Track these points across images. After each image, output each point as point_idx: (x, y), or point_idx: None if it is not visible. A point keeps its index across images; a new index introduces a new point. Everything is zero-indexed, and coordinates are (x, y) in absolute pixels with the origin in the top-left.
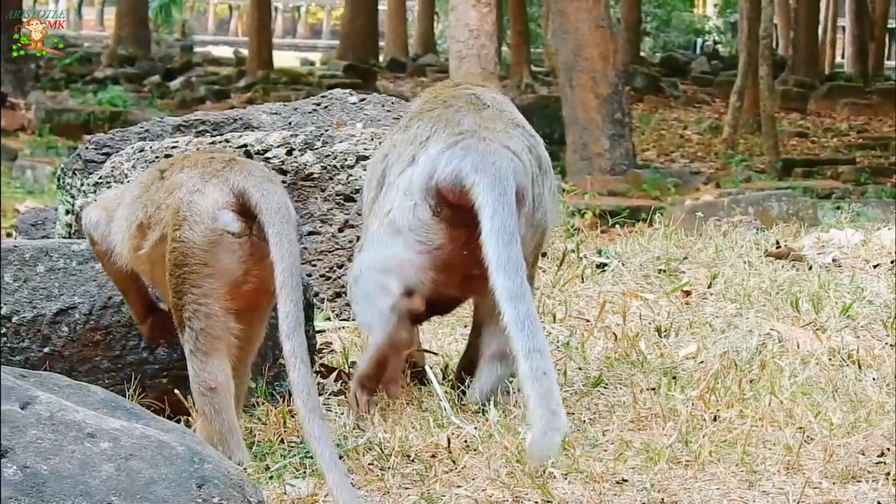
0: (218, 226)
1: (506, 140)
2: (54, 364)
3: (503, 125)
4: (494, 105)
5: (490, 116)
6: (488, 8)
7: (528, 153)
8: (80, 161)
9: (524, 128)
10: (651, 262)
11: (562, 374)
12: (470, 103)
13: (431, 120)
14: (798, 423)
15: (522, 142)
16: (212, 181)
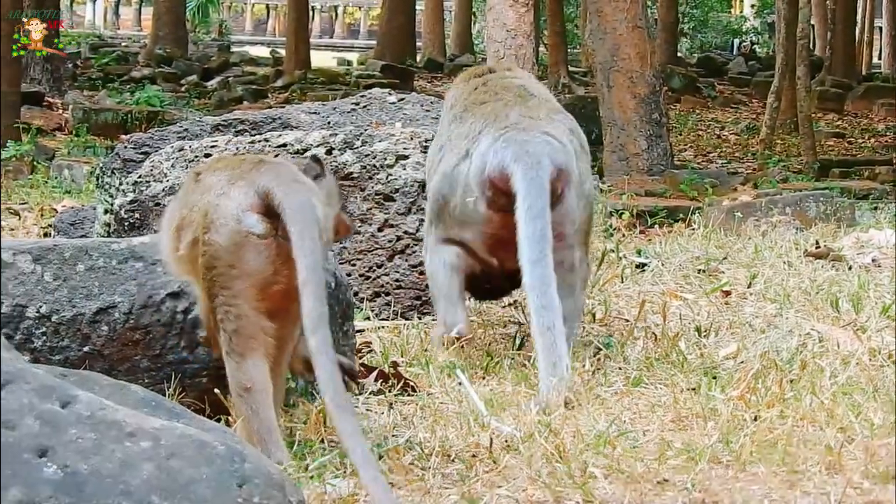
0: (242, 227)
1: (547, 126)
2: (94, 363)
3: (546, 112)
4: (540, 94)
5: (535, 105)
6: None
7: (569, 135)
8: (119, 160)
9: (565, 113)
10: (690, 262)
11: (602, 375)
12: (518, 96)
13: (483, 116)
14: (839, 424)
15: (564, 126)
16: (237, 184)
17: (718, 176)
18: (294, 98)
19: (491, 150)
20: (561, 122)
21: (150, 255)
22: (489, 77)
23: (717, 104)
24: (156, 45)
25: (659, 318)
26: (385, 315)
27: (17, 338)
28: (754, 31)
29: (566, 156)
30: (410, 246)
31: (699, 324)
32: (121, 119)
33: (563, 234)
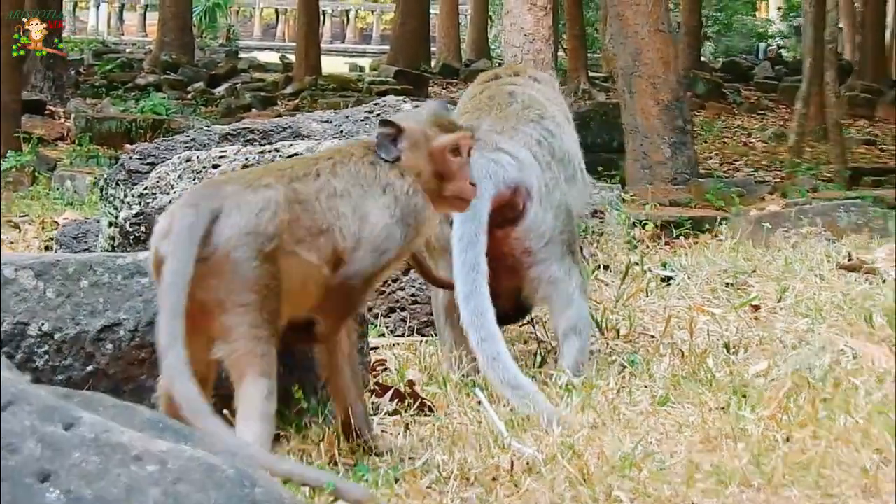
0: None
1: (505, 141)
2: (98, 383)
3: (514, 123)
4: (523, 101)
5: (508, 115)
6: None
7: (536, 146)
8: (124, 171)
9: (538, 122)
10: (718, 276)
11: (626, 393)
12: (497, 104)
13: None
14: (875, 445)
15: (531, 137)
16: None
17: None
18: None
19: None
20: (528, 132)
21: None
22: (488, 85)
23: (743, 110)
24: (161, 51)
25: (686, 334)
26: (400, 331)
27: (19, 357)
28: (780, 34)
29: (521, 171)
30: None
31: (728, 340)
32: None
33: (529, 250)
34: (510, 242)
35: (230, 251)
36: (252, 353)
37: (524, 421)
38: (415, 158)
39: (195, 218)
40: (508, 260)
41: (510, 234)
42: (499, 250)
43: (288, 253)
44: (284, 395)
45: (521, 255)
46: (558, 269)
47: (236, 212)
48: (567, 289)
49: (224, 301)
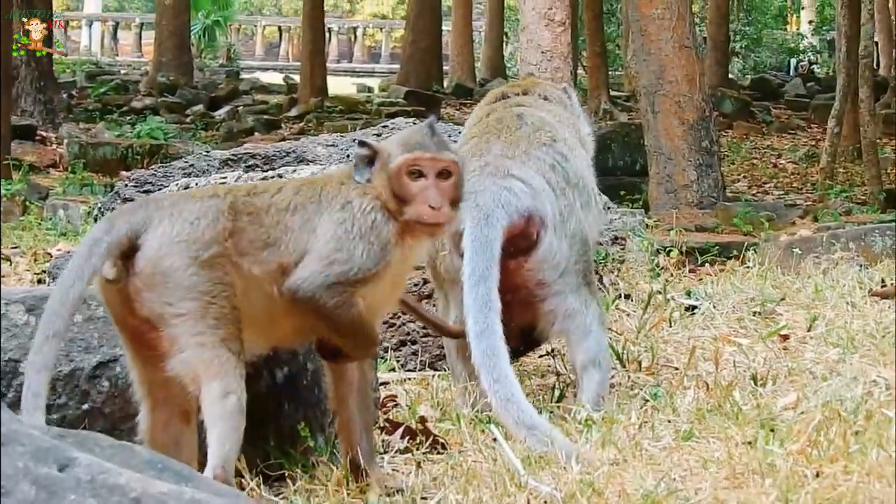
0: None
1: (518, 167)
2: (94, 422)
3: (526, 147)
4: (533, 123)
5: (518, 139)
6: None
7: (550, 171)
8: (119, 200)
9: (553, 145)
10: (745, 304)
11: (649, 428)
12: (506, 127)
13: (465, 152)
14: None
15: (544, 162)
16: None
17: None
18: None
19: None
20: (540, 157)
21: None
22: (495, 107)
23: (773, 130)
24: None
25: (711, 366)
26: (411, 365)
27: (10, 395)
28: (812, 49)
29: (534, 198)
30: None
31: (755, 371)
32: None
33: (544, 282)
34: (523, 274)
35: (158, 261)
36: (200, 361)
37: (541, 458)
38: (380, 180)
39: (102, 234)
40: (521, 292)
41: (523, 264)
42: (511, 282)
43: (233, 263)
44: (291, 434)
45: (535, 287)
46: (574, 300)
47: (167, 221)
48: (584, 320)
49: (162, 314)
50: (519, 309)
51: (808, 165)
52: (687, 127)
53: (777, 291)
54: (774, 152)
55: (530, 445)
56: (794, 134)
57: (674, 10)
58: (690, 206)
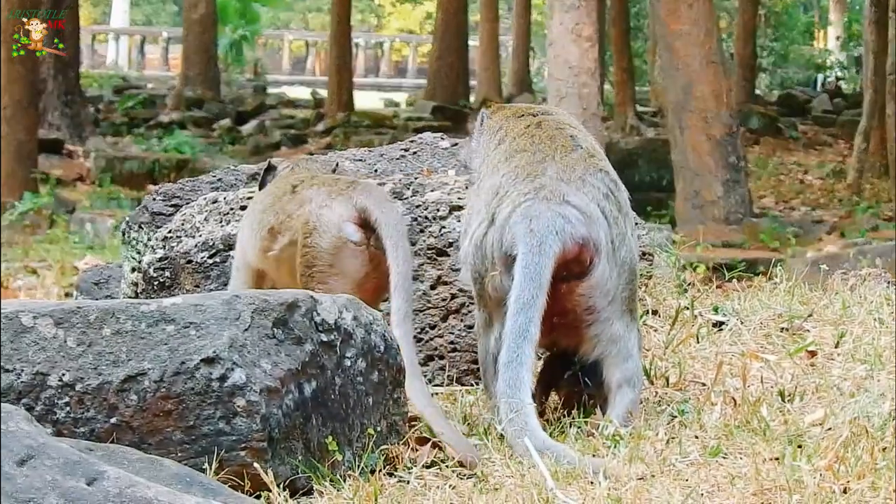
0: (343, 235)
1: (574, 192)
2: (122, 436)
3: (582, 172)
4: (587, 146)
5: (573, 162)
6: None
7: (604, 200)
8: (147, 213)
9: (607, 172)
10: (772, 320)
11: (676, 444)
12: (561, 146)
13: (516, 170)
14: None
15: (599, 190)
16: (338, 198)
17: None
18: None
19: (508, 222)
20: (595, 184)
21: (182, 318)
22: (540, 120)
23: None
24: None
25: (738, 382)
26: (439, 381)
27: (39, 409)
28: (839, 65)
29: (589, 227)
30: (466, 305)
31: (782, 387)
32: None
33: (593, 308)
34: (574, 299)
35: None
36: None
37: (569, 474)
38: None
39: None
40: (569, 316)
41: (574, 289)
42: (561, 306)
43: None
44: (319, 448)
45: (584, 313)
46: (620, 326)
47: (381, 208)
48: (627, 345)
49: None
50: (564, 331)
51: (834, 181)
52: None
53: (804, 308)
54: (801, 168)
55: (557, 460)
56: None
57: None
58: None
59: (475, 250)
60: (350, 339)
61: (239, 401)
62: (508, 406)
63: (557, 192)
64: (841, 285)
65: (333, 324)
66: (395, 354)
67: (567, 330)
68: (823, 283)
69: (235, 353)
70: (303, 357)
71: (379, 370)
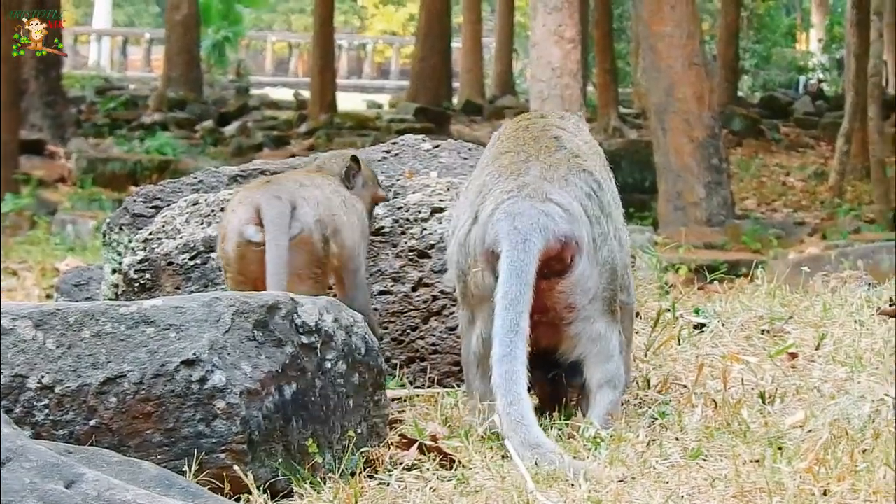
0: (243, 238)
1: (557, 191)
2: (101, 438)
3: (565, 172)
4: (572, 147)
5: (557, 162)
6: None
7: (586, 199)
8: (128, 215)
9: (591, 173)
10: (753, 322)
11: (657, 446)
12: (544, 147)
13: (500, 169)
14: None
15: (581, 189)
16: (245, 201)
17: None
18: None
19: (491, 219)
20: (578, 183)
21: (162, 320)
22: (528, 123)
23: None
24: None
25: (719, 384)
26: (420, 382)
27: (17, 411)
28: (822, 67)
29: (571, 224)
30: (447, 307)
31: (763, 389)
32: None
33: (573, 306)
34: (554, 296)
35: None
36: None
37: (550, 476)
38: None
39: (284, 207)
40: (550, 314)
41: (555, 286)
42: (541, 303)
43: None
44: (299, 451)
45: (564, 311)
46: (600, 326)
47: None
48: (607, 345)
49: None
50: (545, 330)
51: (816, 183)
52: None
53: (785, 310)
54: (783, 170)
55: (538, 463)
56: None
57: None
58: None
59: (459, 248)
60: (331, 342)
61: (219, 403)
62: (506, 399)
63: (540, 190)
64: (822, 287)
65: (314, 326)
66: (376, 356)
67: (547, 328)
68: (805, 285)
69: (215, 355)
70: (283, 359)
71: (360, 372)
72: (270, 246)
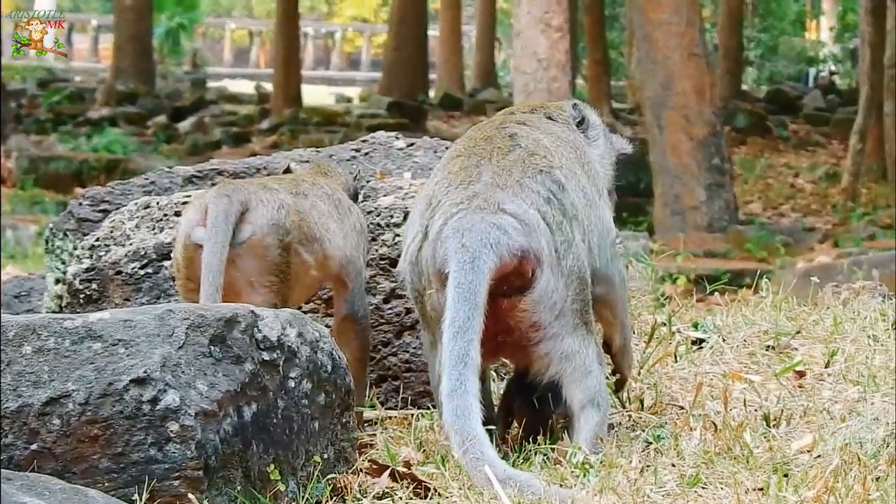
0: (191, 242)
1: (509, 199)
2: (44, 463)
3: (519, 175)
4: (527, 146)
5: (511, 164)
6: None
7: (545, 204)
8: (73, 219)
9: (549, 173)
10: (757, 337)
11: (651, 473)
12: (497, 149)
13: (449, 176)
14: None
15: (539, 194)
16: (195, 203)
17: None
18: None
19: (440, 236)
20: (534, 187)
21: (110, 334)
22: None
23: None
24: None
25: (719, 405)
26: (393, 403)
27: None
28: (833, 58)
29: (529, 236)
30: None
31: (767, 411)
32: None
33: (539, 324)
34: (517, 315)
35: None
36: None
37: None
38: None
39: (228, 206)
40: (515, 334)
41: (517, 304)
42: (504, 323)
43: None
44: (260, 477)
45: (529, 330)
46: (572, 341)
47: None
48: (583, 361)
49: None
50: (513, 351)
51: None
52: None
53: (792, 324)
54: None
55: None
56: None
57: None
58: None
59: (411, 267)
60: (294, 358)
61: (172, 425)
62: (460, 437)
63: (492, 201)
64: (833, 299)
65: (276, 341)
66: (343, 375)
67: (514, 349)
68: (814, 297)
69: (168, 373)
70: (242, 377)
71: (326, 392)
72: (206, 247)
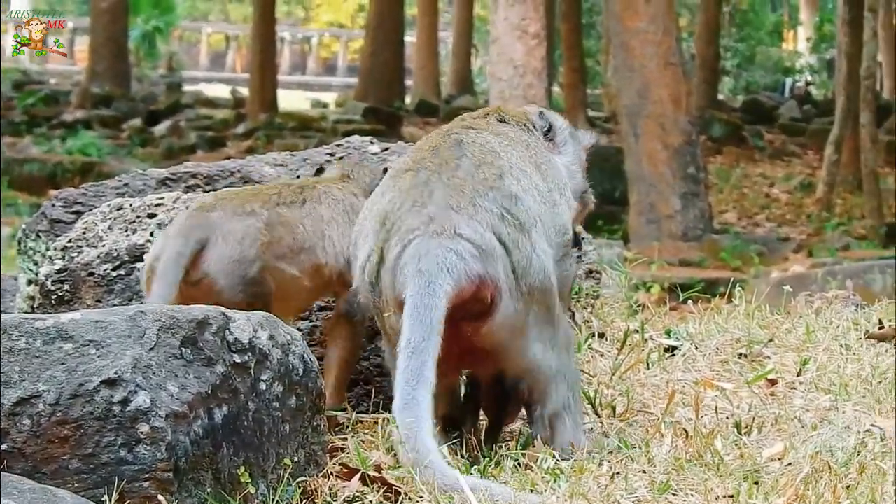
0: (152, 273)
1: (464, 222)
2: (14, 464)
3: (471, 194)
4: (473, 154)
5: (461, 182)
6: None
7: (500, 223)
8: (45, 221)
9: (499, 188)
10: (730, 345)
11: (622, 479)
12: (445, 161)
13: (401, 193)
14: None
15: (492, 213)
16: (169, 230)
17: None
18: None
19: (398, 262)
20: (487, 206)
21: (81, 335)
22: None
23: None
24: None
25: (691, 412)
26: (364, 407)
27: None
28: (810, 69)
29: (486, 262)
30: None
31: (739, 418)
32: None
33: (501, 345)
34: (480, 339)
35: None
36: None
37: None
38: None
39: (181, 248)
40: (478, 354)
41: (480, 329)
42: (467, 344)
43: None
44: (230, 480)
45: (493, 350)
46: (537, 350)
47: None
48: (550, 366)
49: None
50: (477, 366)
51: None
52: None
53: (765, 332)
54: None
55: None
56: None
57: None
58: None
59: (370, 287)
60: (266, 361)
61: (142, 427)
62: (412, 455)
63: (448, 225)
64: (805, 308)
65: (247, 343)
66: (315, 378)
67: (478, 365)
68: (787, 306)
69: (139, 374)
70: (213, 380)
71: (297, 395)
72: (155, 286)
